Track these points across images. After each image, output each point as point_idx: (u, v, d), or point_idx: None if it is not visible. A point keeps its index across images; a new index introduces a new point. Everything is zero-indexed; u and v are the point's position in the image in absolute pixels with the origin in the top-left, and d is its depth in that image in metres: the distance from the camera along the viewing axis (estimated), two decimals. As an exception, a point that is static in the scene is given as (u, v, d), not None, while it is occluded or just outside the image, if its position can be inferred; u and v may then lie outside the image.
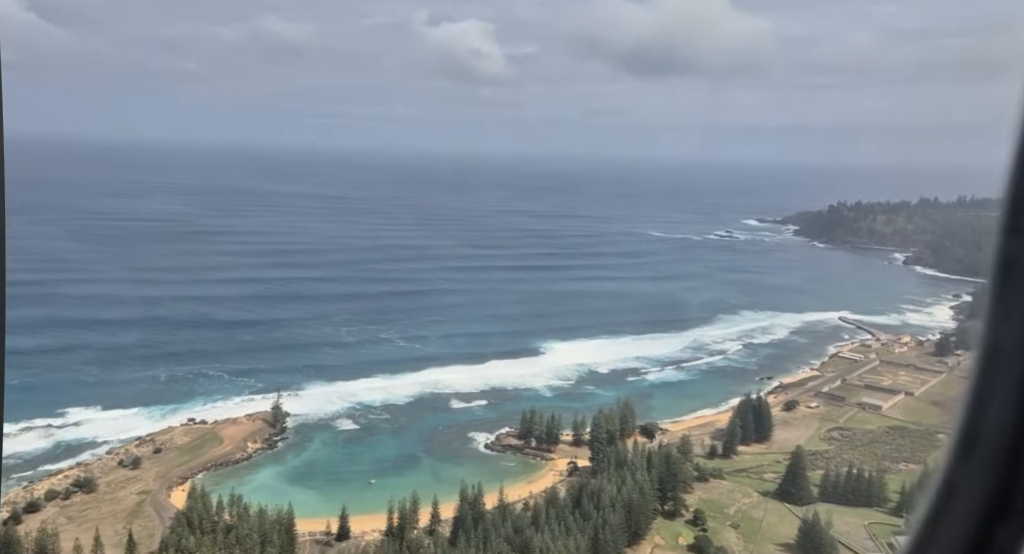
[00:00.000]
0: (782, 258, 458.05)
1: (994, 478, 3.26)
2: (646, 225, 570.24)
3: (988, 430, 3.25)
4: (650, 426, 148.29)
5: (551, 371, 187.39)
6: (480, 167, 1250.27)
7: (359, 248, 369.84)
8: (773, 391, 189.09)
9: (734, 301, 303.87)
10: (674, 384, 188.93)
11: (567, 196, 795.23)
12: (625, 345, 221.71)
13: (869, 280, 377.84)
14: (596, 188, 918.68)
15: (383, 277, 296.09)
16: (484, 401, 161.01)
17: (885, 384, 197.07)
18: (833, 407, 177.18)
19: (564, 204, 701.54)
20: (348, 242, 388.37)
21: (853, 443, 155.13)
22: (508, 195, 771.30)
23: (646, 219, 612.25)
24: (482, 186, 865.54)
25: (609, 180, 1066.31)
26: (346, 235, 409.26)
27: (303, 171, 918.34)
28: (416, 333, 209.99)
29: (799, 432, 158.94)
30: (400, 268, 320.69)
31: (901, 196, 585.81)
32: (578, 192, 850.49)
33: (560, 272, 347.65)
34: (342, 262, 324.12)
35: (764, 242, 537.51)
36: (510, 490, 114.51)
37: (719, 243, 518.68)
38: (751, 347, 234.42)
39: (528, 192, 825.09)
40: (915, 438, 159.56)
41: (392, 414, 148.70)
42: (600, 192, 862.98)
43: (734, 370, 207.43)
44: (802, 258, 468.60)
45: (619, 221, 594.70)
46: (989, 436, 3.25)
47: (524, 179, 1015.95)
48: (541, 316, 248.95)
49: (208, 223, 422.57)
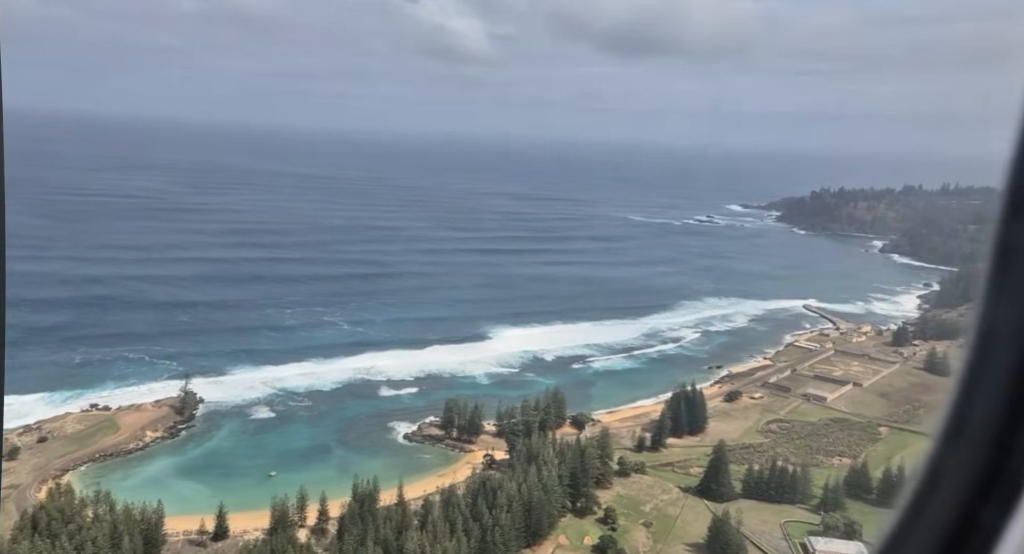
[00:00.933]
0: (759, 244, 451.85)
1: (983, 459, 3.27)
2: (628, 209, 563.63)
3: (978, 412, 3.29)
4: (581, 417, 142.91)
5: (495, 357, 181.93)
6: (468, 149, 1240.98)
7: (331, 228, 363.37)
8: (720, 381, 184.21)
9: (700, 287, 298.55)
10: (619, 372, 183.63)
11: (553, 179, 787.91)
12: (579, 331, 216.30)
13: (843, 268, 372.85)
14: (583, 171, 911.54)
15: (348, 258, 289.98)
16: (415, 389, 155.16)
17: (836, 374, 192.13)
18: (777, 398, 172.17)
19: (549, 187, 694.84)
20: (322, 222, 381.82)
21: (790, 436, 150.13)
22: (494, 177, 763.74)
23: (629, 203, 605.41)
24: (469, 168, 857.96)
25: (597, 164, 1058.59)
26: (321, 215, 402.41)
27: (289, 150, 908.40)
28: (364, 316, 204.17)
29: (737, 424, 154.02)
30: (368, 249, 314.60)
31: (891, 184, 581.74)
32: (564, 175, 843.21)
33: (531, 255, 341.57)
34: (310, 242, 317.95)
35: (744, 228, 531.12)
36: (418, 484, 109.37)
37: (698, 228, 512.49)
38: (708, 335, 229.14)
39: (514, 174, 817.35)
40: (855, 431, 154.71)
41: (315, 401, 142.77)
42: (587, 175, 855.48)
43: (685, 359, 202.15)
44: (779, 244, 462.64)
45: (601, 204, 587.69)
46: (979, 417, 3.28)
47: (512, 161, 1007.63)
48: (500, 300, 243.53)
49: (182, 200, 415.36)
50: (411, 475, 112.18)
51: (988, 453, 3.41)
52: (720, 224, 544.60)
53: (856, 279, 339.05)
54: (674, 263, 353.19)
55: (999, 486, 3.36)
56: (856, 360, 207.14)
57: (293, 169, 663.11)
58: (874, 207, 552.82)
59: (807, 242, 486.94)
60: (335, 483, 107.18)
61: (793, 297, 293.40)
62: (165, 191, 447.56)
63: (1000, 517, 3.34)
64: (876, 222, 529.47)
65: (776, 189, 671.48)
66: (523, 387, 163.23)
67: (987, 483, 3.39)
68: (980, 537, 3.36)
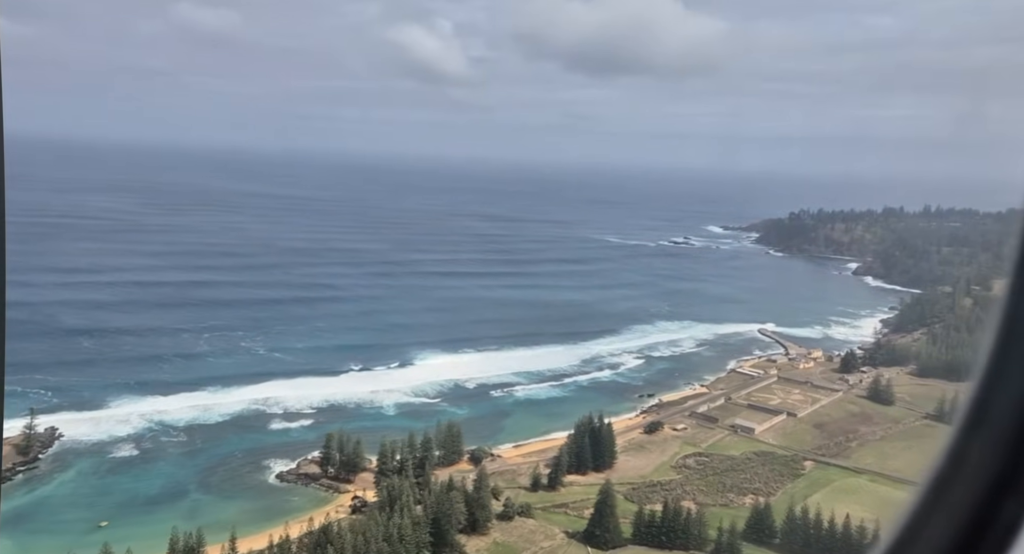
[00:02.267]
0: (730, 266, 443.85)
1: (1003, 452, 3.25)
2: (604, 231, 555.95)
3: (1000, 403, 3.30)
4: (479, 452, 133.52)
5: (413, 386, 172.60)
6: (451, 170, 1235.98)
7: (288, 250, 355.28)
8: (647, 410, 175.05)
9: (656, 311, 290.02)
10: (542, 402, 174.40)
11: (533, 200, 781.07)
12: (514, 357, 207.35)
13: (811, 290, 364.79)
14: (565, 193, 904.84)
15: (294, 281, 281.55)
16: (310, 421, 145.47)
17: (772, 403, 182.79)
18: (702, 429, 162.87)
19: (527, 208, 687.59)
20: (280, 243, 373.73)
21: (706, 471, 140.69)
22: (473, 198, 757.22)
23: (607, 225, 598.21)
24: (450, 189, 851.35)
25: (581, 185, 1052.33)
26: (281, 236, 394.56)
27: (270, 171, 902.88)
28: (286, 342, 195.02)
29: (650, 458, 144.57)
30: (319, 272, 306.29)
31: (874, 205, 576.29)
32: (545, 197, 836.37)
33: (491, 278, 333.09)
34: (260, 265, 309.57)
35: (719, 250, 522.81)
36: (265, 533, 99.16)
37: (673, 250, 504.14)
38: (650, 361, 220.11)
39: (494, 195, 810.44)
40: (777, 465, 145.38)
41: (192, 436, 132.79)
42: (568, 197, 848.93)
43: (617, 386, 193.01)
44: (751, 266, 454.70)
45: (578, 226, 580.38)
46: (1000, 409, 3.29)
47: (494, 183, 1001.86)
48: (441, 325, 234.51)
49: (143, 221, 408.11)
50: (265, 522, 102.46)
51: (1008, 446, 3.30)
52: (696, 246, 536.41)
53: (822, 302, 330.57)
54: (638, 286, 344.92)
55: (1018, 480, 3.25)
56: (797, 388, 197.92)
57: (269, 190, 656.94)
58: (852, 229, 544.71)
59: (781, 264, 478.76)
60: (179, 530, 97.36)
61: (750, 321, 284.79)
62: (129, 211, 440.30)
63: (1019, 511, 3.21)
64: (853, 244, 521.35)
65: (759, 211, 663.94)
66: (431, 418, 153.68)
67: (1006, 477, 3.28)
68: (998, 531, 3.23)
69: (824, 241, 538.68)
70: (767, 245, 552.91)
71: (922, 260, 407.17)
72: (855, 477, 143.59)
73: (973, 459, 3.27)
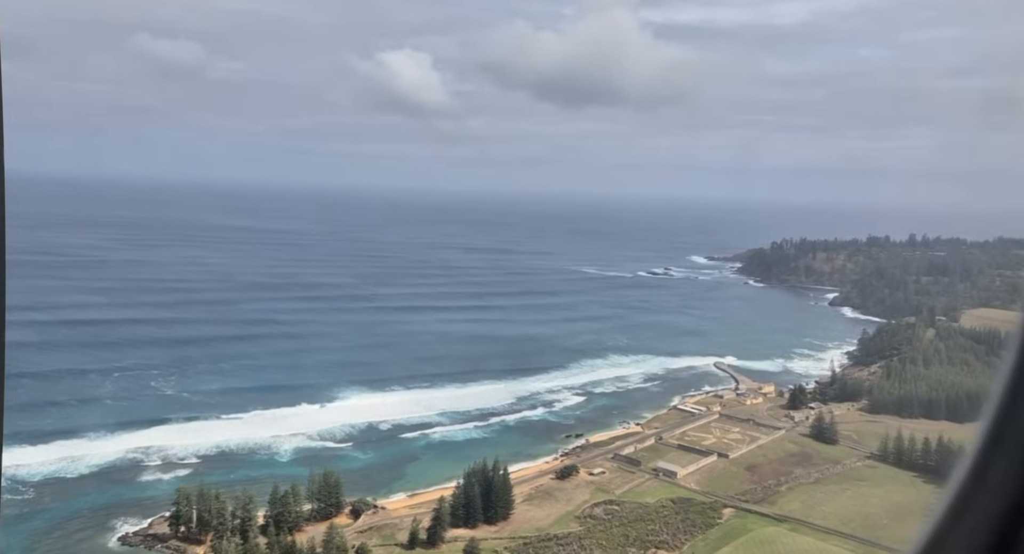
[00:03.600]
0: (705, 297, 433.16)
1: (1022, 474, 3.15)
2: (584, 262, 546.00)
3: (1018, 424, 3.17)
4: (360, 504, 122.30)
5: (321, 429, 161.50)
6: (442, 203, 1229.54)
7: (247, 284, 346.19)
8: (569, 452, 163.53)
9: (614, 344, 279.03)
10: (457, 444, 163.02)
11: (519, 232, 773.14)
12: (445, 396, 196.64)
13: (783, 321, 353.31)
14: (554, 224, 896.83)
15: (239, 318, 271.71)
16: (188, 471, 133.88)
17: (706, 443, 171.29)
18: (622, 474, 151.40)
19: (512, 240, 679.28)
20: (239, 277, 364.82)
21: (612, 523, 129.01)
22: (459, 230, 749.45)
23: (588, 256, 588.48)
24: (437, 221, 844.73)
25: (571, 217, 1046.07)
26: (244, 270, 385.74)
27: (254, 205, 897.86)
28: (199, 384, 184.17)
29: (554, 508, 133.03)
30: (270, 307, 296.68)
31: (862, 235, 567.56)
32: (533, 228, 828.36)
33: (453, 312, 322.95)
34: (210, 300, 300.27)
35: (698, 280, 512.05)
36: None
37: (650, 281, 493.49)
38: (591, 397, 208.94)
39: (482, 227, 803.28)
40: (693, 514, 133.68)
41: (43, 492, 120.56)
42: (555, 228, 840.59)
43: (546, 426, 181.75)
44: (727, 297, 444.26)
45: (559, 257, 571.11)
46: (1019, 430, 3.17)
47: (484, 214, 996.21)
48: (377, 363, 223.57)
49: (107, 256, 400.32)
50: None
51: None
52: (675, 277, 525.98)
53: (790, 334, 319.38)
54: (602, 319, 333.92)
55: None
56: (739, 426, 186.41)
57: (252, 224, 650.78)
58: (833, 258, 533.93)
59: (758, 294, 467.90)
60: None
61: (709, 354, 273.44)
62: (96, 247, 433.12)
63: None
64: (835, 273, 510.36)
65: (746, 241, 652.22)
66: (328, 464, 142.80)
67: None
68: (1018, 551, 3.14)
69: (805, 270, 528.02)
70: (748, 275, 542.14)
71: (898, 290, 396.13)
72: (775, 526, 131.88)
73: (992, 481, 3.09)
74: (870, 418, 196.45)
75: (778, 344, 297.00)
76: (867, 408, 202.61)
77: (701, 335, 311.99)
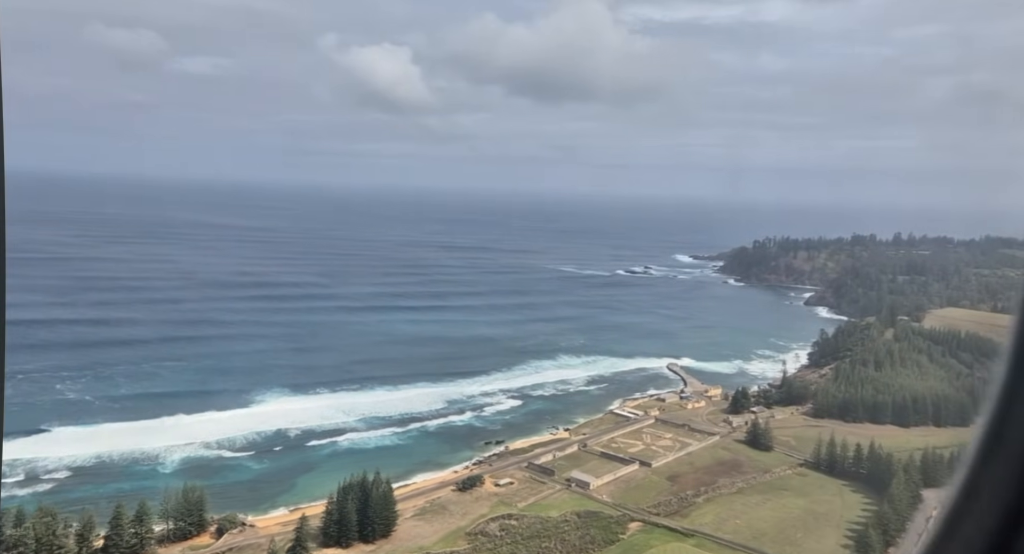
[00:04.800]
0: (679, 296, 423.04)
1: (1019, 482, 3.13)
2: (564, 261, 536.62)
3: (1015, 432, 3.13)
4: (225, 522, 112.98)
5: (221, 436, 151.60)
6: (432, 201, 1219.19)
7: (202, 283, 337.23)
8: (485, 461, 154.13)
9: (569, 344, 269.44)
10: (365, 452, 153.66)
11: (504, 230, 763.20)
12: (371, 399, 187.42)
13: (752, 322, 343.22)
14: (542, 223, 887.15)
15: (181, 318, 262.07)
16: (51, 485, 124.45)
17: (632, 450, 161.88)
18: (532, 484, 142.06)
19: (495, 239, 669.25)
20: (200, 275, 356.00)
21: (504, 539, 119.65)
22: (443, 228, 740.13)
23: (570, 255, 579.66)
24: (424, 219, 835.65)
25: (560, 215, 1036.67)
26: (207, 268, 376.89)
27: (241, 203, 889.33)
28: (108, 388, 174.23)
29: (444, 524, 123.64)
30: (220, 307, 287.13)
31: (848, 233, 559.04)
32: (519, 226, 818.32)
33: (411, 312, 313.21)
34: (157, 299, 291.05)
35: (676, 279, 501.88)
36: None
37: (627, 280, 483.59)
38: (527, 401, 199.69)
39: (468, 225, 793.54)
40: (596, 529, 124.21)
41: None
42: (543, 227, 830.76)
43: (469, 432, 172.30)
44: (702, 296, 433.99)
45: (538, 256, 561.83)
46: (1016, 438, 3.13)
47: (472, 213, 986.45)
48: (313, 366, 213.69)
49: (70, 253, 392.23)
50: None
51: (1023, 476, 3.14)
52: (654, 275, 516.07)
53: (757, 334, 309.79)
54: (566, 319, 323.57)
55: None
56: (672, 431, 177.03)
57: (233, 221, 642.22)
58: (814, 257, 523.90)
59: (735, 294, 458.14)
60: None
61: (666, 355, 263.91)
62: (63, 243, 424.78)
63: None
64: (815, 272, 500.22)
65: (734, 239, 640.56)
66: (215, 475, 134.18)
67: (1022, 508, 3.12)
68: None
69: (785, 269, 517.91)
70: (729, 274, 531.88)
71: (872, 289, 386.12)
72: (680, 541, 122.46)
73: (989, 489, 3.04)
74: (813, 422, 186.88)
75: (741, 345, 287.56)
76: (810, 412, 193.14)
77: (664, 336, 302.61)
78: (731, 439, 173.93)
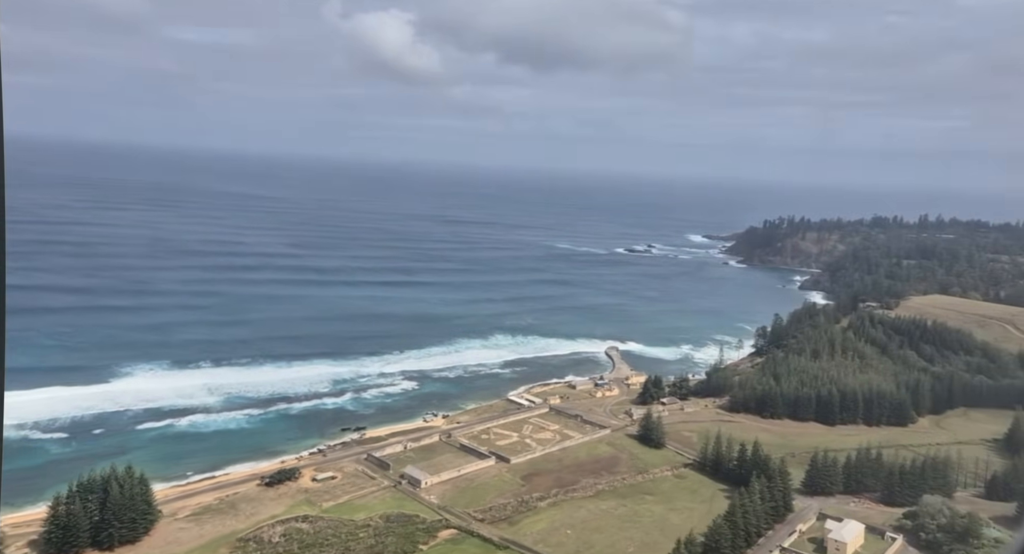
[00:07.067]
0: (668, 276, 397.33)
1: None
2: (563, 237, 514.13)
3: None
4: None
5: (41, 415, 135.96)
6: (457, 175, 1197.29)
7: (170, 250, 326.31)
8: (326, 449, 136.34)
9: (512, 324, 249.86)
10: (200, 436, 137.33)
11: (517, 206, 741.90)
12: (249, 377, 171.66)
13: (729, 304, 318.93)
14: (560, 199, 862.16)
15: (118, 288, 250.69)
16: None
17: (501, 443, 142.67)
18: (359, 479, 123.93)
19: (503, 214, 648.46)
20: (173, 242, 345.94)
21: (277, 548, 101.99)
22: (455, 202, 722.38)
23: (574, 231, 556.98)
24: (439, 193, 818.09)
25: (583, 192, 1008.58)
26: (185, 235, 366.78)
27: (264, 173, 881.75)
28: None
29: (217, 527, 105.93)
30: (168, 276, 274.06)
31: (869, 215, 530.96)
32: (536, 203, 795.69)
33: (361, 288, 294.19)
34: (108, 266, 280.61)
35: (677, 259, 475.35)
36: None
37: (622, 258, 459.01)
38: (424, 382, 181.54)
39: (482, 200, 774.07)
40: (397, 537, 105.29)
41: None
42: (559, 203, 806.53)
43: (334, 416, 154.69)
44: (692, 277, 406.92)
45: (538, 231, 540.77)
46: None
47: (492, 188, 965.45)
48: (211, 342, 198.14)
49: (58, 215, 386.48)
50: None
51: None
52: (654, 254, 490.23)
53: (726, 318, 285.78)
54: (528, 299, 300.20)
55: None
56: (560, 422, 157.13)
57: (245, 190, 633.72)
58: (824, 239, 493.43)
59: (730, 275, 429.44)
60: None
61: (612, 338, 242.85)
62: (58, 206, 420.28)
63: None
64: (822, 255, 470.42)
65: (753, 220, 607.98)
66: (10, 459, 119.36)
67: None
68: None
69: (792, 251, 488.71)
70: (735, 254, 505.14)
71: (870, 273, 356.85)
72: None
73: None
74: (726, 417, 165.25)
75: (701, 330, 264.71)
76: (726, 406, 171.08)
77: (626, 318, 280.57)
78: (623, 434, 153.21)
